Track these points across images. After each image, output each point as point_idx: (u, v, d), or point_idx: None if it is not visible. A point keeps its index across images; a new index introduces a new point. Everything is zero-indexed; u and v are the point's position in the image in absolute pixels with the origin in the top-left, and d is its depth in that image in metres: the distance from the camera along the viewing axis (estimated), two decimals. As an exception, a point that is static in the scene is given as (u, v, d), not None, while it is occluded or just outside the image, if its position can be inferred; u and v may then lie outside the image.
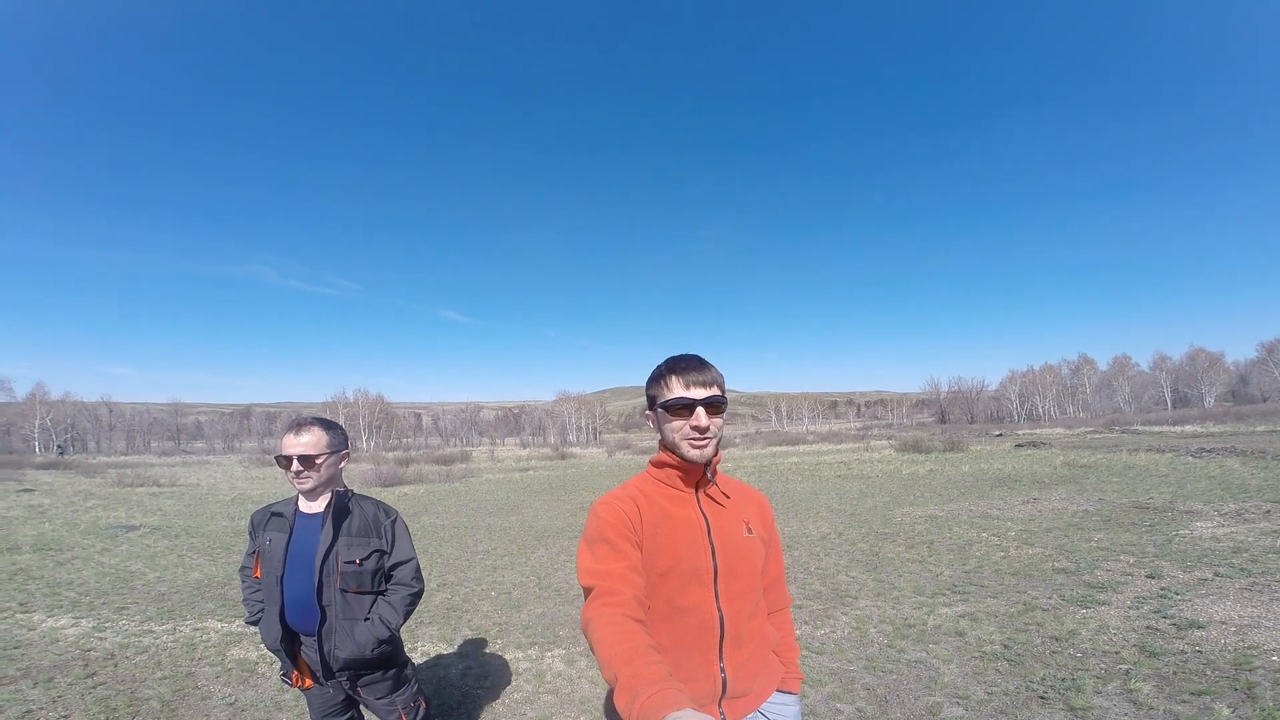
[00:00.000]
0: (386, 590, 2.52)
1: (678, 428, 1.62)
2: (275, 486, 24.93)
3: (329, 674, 2.46)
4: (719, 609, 1.59)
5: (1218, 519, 8.47)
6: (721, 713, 1.60)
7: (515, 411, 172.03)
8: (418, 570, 2.57)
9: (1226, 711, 3.15)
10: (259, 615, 2.55)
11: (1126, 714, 3.29)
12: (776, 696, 1.71)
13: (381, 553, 2.49)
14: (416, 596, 2.56)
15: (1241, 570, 5.84)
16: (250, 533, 2.59)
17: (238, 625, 5.80)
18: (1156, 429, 34.22)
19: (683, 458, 1.63)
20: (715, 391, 1.61)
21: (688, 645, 1.58)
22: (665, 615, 1.60)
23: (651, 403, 1.72)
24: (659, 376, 1.70)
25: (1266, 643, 4.05)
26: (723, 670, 1.59)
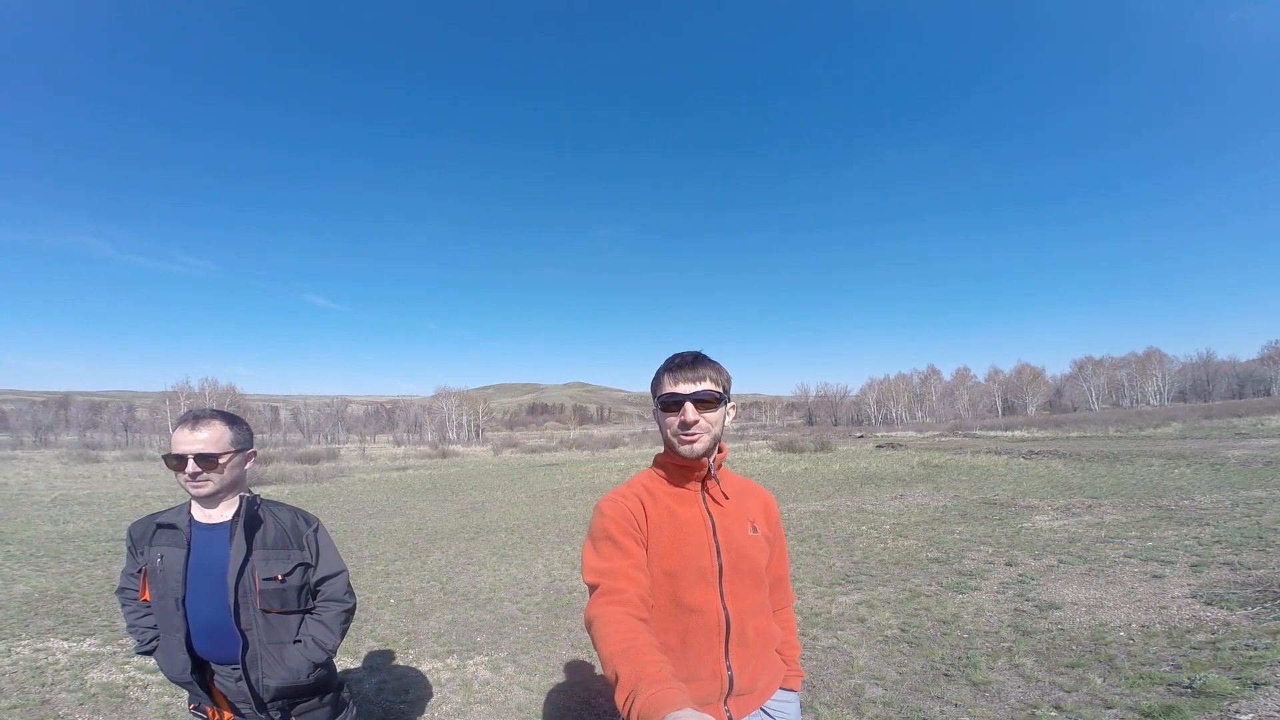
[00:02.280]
0: (315, 608, 2.21)
1: (669, 424, 1.63)
2: (104, 486, 21.96)
3: (260, 706, 2.15)
4: (724, 608, 1.60)
5: (1052, 513, 9.72)
6: (727, 710, 1.61)
7: (388, 407, 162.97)
8: (349, 583, 2.32)
9: (1099, 681, 3.63)
10: (153, 644, 2.17)
11: (1019, 686, 3.71)
12: (779, 694, 1.74)
13: (306, 566, 2.17)
14: (351, 613, 2.28)
15: (1079, 558, 6.74)
16: (130, 548, 2.19)
17: (90, 644, 5.05)
18: (991, 433, 38.62)
19: (676, 454, 1.65)
20: (704, 387, 1.61)
21: (694, 644, 1.59)
22: (671, 614, 1.59)
23: (654, 402, 1.72)
24: (656, 376, 1.71)
25: (1112, 620, 4.71)
26: (729, 668, 1.60)
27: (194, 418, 2.08)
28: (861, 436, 44.65)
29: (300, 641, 2.14)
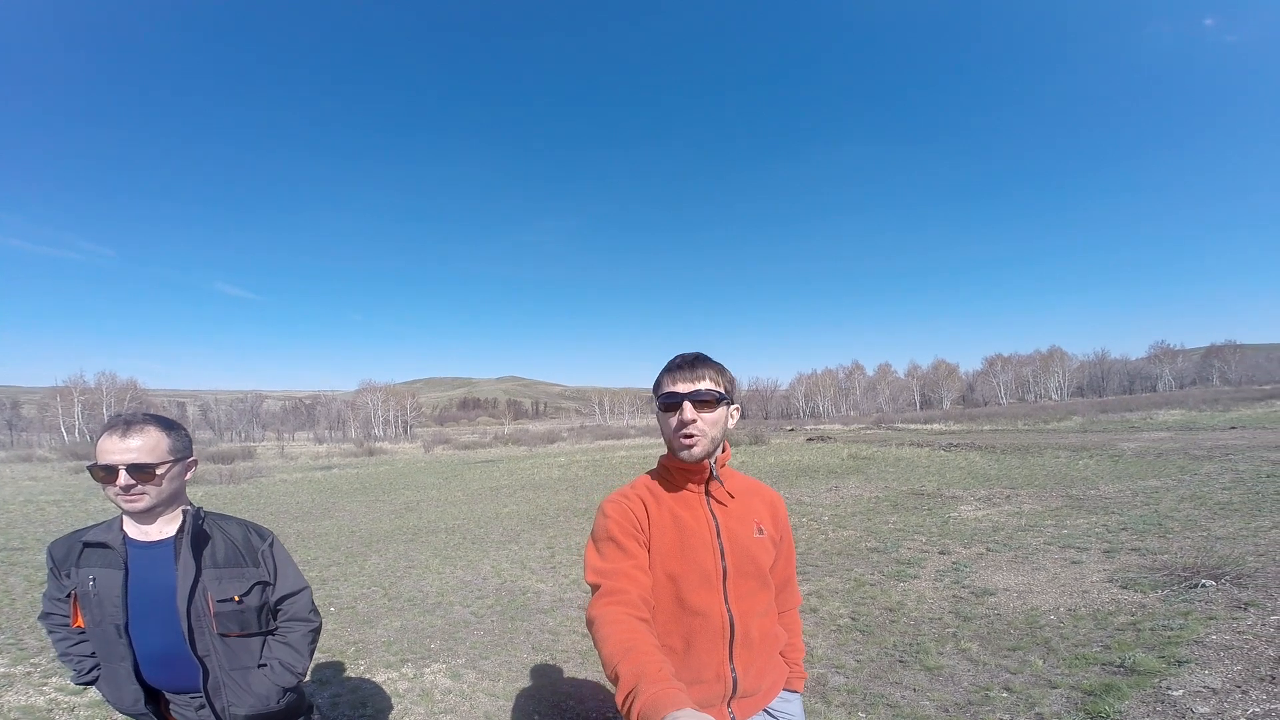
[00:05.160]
0: (278, 629, 2.06)
1: (669, 424, 1.62)
2: (-12, 492, 19.91)
3: None
4: (728, 610, 1.60)
5: (974, 503, 10.31)
6: (731, 713, 1.62)
7: (307, 402, 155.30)
8: (313, 600, 2.17)
9: (1039, 662, 3.88)
10: (94, 673, 1.97)
11: (968, 669, 3.92)
12: (782, 695, 1.76)
13: (264, 584, 2.01)
14: (317, 632, 2.13)
15: (1004, 545, 7.18)
16: (53, 570, 1.96)
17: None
18: (912, 426, 40.59)
19: (675, 455, 1.64)
20: (703, 386, 1.60)
21: (698, 646, 1.59)
22: (675, 616, 1.59)
23: (655, 403, 1.71)
24: (658, 377, 1.70)
25: (1043, 604, 5.04)
26: (733, 670, 1.60)
27: (124, 423, 1.85)
28: (792, 430, 46.02)
29: (266, 665, 1.99)
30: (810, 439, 31.74)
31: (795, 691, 1.81)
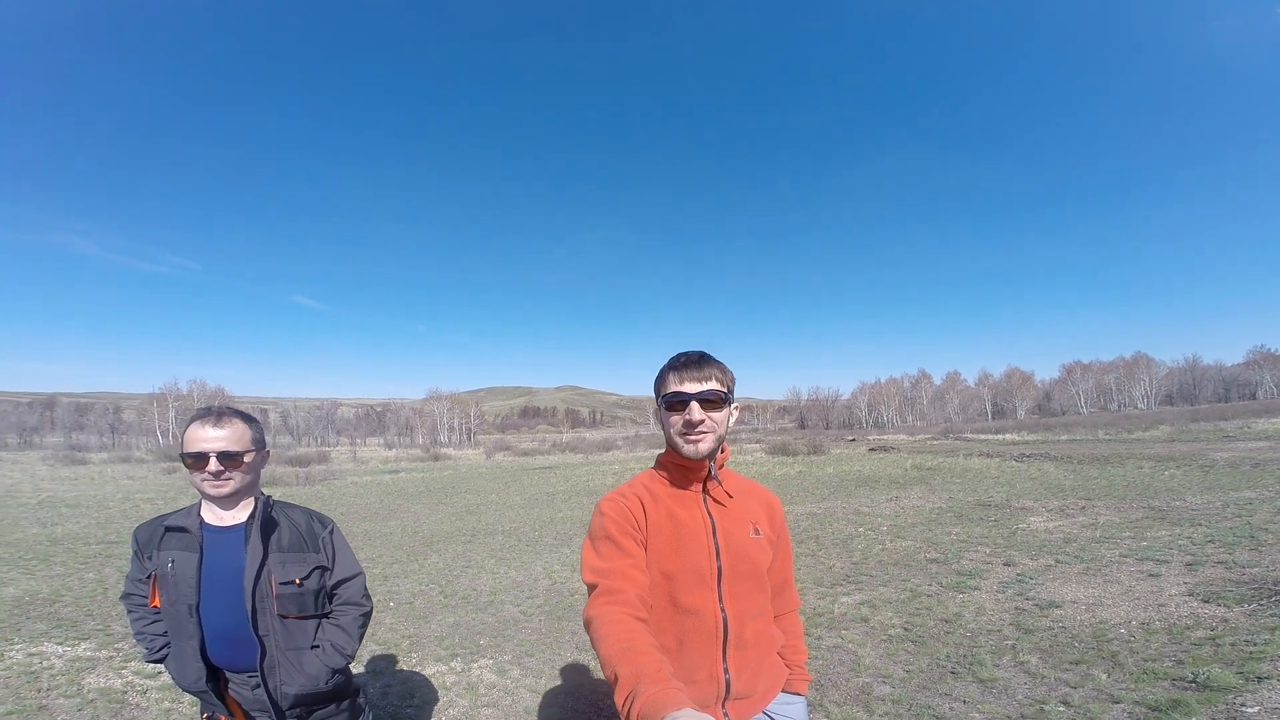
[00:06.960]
0: (331, 612, 2.16)
1: (674, 423, 1.62)
2: (91, 488, 21.67)
3: (279, 714, 2.07)
4: (722, 610, 1.58)
5: (1046, 514, 9.79)
6: (725, 714, 1.60)
7: (378, 410, 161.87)
8: (366, 586, 2.25)
9: (1103, 677, 3.67)
10: (164, 651, 2.11)
11: (1025, 682, 3.74)
12: (782, 697, 1.73)
13: (323, 569, 2.12)
14: (368, 616, 2.23)
15: (1075, 557, 6.79)
16: (136, 552, 2.11)
17: (85, 649, 4.99)
18: (982, 436, 38.85)
19: (679, 453, 1.63)
20: (710, 386, 1.60)
21: (691, 646, 1.58)
22: (669, 615, 1.58)
23: (657, 401, 1.71)
24: (660, 374, 1.69)
25: (1112, 618, 4.75)
26: (726, 671, 1.58)
27: (215, 415, 2.02)
28: (854, 440, 44.78)
29: (318, 647, 2.09)
30: (872, 449, 30.82)
31: (798, 694, 1.77)
